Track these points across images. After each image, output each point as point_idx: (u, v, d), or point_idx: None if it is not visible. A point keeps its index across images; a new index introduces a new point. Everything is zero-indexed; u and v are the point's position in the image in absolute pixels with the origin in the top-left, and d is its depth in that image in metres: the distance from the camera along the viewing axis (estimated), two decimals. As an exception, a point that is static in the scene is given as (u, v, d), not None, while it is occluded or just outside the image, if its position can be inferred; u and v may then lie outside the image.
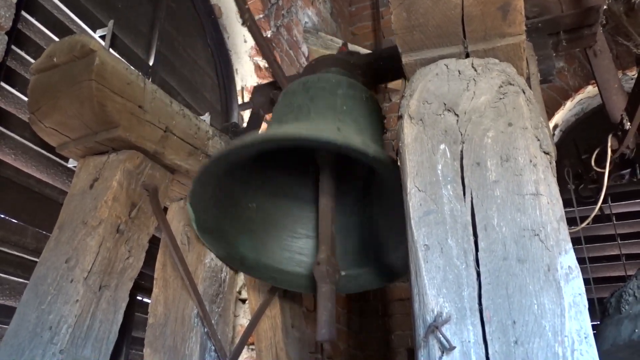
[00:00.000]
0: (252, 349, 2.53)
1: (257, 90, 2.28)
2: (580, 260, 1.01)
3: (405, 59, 1.33)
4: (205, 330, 1.72)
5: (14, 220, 1.65)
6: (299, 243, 1.92)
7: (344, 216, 1.88)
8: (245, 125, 2.25)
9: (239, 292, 2.66)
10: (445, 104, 1.19)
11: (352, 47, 3.58)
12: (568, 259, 0.93)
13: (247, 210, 1.82)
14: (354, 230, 1.90)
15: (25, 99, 1.63)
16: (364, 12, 4.81)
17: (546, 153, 1.08)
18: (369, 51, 3.60)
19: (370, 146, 1.34)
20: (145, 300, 2.13)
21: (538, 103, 1.26)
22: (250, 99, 2.27)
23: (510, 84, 1.18)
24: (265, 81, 3.06)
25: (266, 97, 2.20)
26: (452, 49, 1.29)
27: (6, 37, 1.52)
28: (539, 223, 0.98)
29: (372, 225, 1.88)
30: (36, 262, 1.45)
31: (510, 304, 0.91)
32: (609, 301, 1.77)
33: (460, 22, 1.24)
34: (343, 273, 1.64)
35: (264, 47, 2.87)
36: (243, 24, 2.98)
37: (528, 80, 1.37)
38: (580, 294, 0.90)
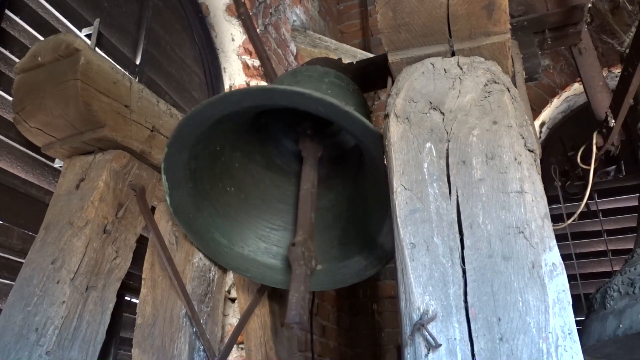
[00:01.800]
0: (242, 348, 2.53)
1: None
2: (567, 257, 1.02)
3: (391, 58, 1.33)
4: (194, 330, 1.71)
5: (-1, 221, 1.63)
6: (277, 235, 1.90)
7: (327, 211, 1.89)
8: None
9: (228, 292, 2.65)
10: (431, 103, 1.19)
11: (342, 46, 3.59)
12: (552, 256, 0.94)
13: (225, 193, 1.79)
14: (334, 225, 1.90)
15: (10, 98, 1.61)
16: (352, 11, 4.81)
17: (531, 151, 1.09)
18: (359, 50, 3.60)
19: (349, 107, 1.31)
20: (134, 300, 2.12)
21: (523, 101, 1.27)
22: None
23: (496, 82, 1.19)
24: (253, 80, 3.05)
25: None
26: (438, 47, 1.30)
27: (-11, 36, 1.51)
28: (523, 220, 0.99)
29: (355, 216, 1.88)
30: (22, 263, 1.44)
31: (496, 301, 0.92)
32: (594, 297, 1.79)
33: (446, 21, 1.24)
34: (319, 267, 1.60)
35: (257, 42, 2.85)
36: (238, 17, 2.96)
37: (513, 78, 1.38)
38: (564, 291, 0.91)
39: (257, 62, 3.10)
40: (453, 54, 1.30)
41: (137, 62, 2.36)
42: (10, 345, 1.27)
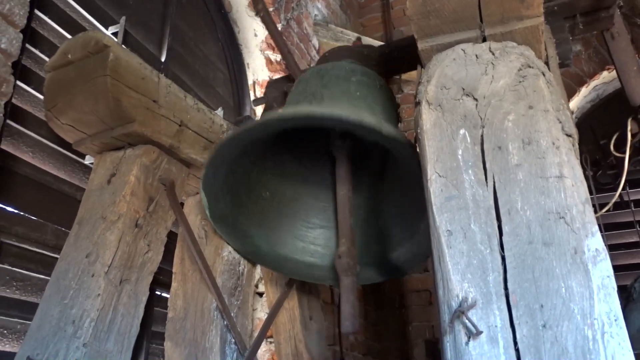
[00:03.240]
0: (271, 342, 2.54)
1: (271, 84, 2.28)
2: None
3: (421, 45, 1.31)
4: (225, 323, 1.72)
5: (33, 218, 1.66)
6: (313, 233, 1.91)
7: (356, 207, 1.88)
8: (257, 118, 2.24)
9: (256, 286, 2.66)
10: (463, 89, 1.17)
11: (364, 39, 3.56)
12: (595, 242, 0.92)
13: (261, 199, 1.82)
14: (365, 221, 1.89)
15: (41, 96, 1.64)
16: (373, 4, 4.79)
17: (568, 135, 1.06)
18: (381, 43, 3.58)
19: (384, 125, 1.33)
20: (164, 294, 2.14)
21: (558, 85, 1.25)
22: (265, 93, 2.26)
23: (530, 67, 1.16)
24: (276, 74, 3.06)
25: (280, 90, 2.19)
26: (469, 33, 1.28)
27: (21, 35, 1.53)
28: (564, 206, 0.96)
29: (383, 215, 1.87)
30: (56, 258, 1.46)
31: (537, 288, 0.90)
32: (633, 286, 1.75)
33: (476, 5, 1.22)
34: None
35: (277, 38, 2.85)
36: (257, 14, 2.97)
37: (547, 63, 1.35)
38: (608, 276, 0.89)
39: (280, 57, 3.10)
40: (484, 40, 1.28)
41: (163, 59, 2.38)
42: (49, 337, 1.28)
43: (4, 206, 1.57)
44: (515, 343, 0.87)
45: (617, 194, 1.97)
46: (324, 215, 1.90)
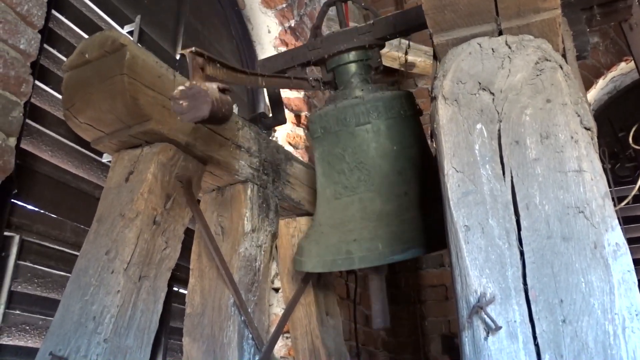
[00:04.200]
0: (288, 337, 2.55)
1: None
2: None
3: (436, 40, 1.30)
4: (242, 318, 1.73)
5: (53, 216, 1.69)
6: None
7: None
8: (270, 114, 2.24)
9: (272, 282, 2.68)
10: (480, 83, 1.16)
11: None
12: (615, 236, 0.91)
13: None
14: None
15: (60, 96, 1.66)
16: (386, -4, 4.76)
17: (587, 129, 1.05)
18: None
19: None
20: (182, 290, 2.16)
21: (576, 78, 1.23)
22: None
23: (547, 60, 1.15)
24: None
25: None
26: (485, 27, 1.27)
27: (39, 36, 1.55)
28: (583, 200, 0.96)
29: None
30: (76, 255, 1.48)
31: (557, 283, 0.89)
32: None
33: (492, -1, 1.21)
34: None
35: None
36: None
37: (564, 56, 1.33)
38: (629, 271, 0.88)
39: (293, 53, 3.10)
40: (500, 33, 1.27)
41: (177, 57, 2.40)
42: (70, 333, 1.31)
43: (24, 204, 1.59)
44: (535, 338, 0.86)
45: (637, 187, 1.95)
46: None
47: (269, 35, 3.10)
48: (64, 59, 1.72)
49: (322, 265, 1.74)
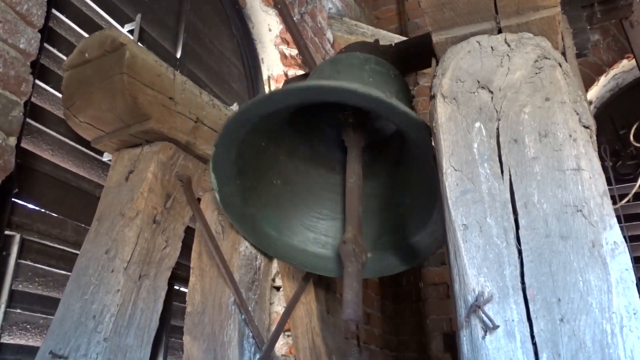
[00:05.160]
0: (288, 335, 2.55)
1: (288, 83, 2.27)
2: (621, 239, 0.98)
3: (435, 38, 1.30)
4: (243, 317, 1.74)
5: (54, 214, 1.69)
6: (324, 224, 1.90)
7: (370, 198, 1.87)
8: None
9: (273, 280, 2.68)
10: (478, 82, 1.16)
11: (379, 32, 3.55)
12: (613, 234, 0.91)
13: (272, 185, 1.81)
14: (379, 212, 1.89)
15: (60, 95, 1.66)
16: (387, -5, 4.75)
17: (586, 127, 1.05)
18: (397, 36, 3.55)
19: (394, 99, 1.30)
20: (182, 289, 2.16)
21: (575, 76, 1.23)
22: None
23: (546, 58, 1.15)
24: (291, 69, 3.06)
25: None
26: (484, 25, 1.27)
27: (39, 35, 1.55)
28: (581, 198, 0.95)
29: (397, 205, 1.87)
30: (77, 254, 1.49)
31: (555, 282, 0.89)
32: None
33: (491, -4, 1.21)
34: (368, 255, 1.62)
35: (294, 31, 2.84)
36: (275, 5, 2.96)
37: (564, 54, 1.33)
38: (627, 270, 0.88)
39: (294, 52, 3.10)
40: (500, 31, 1.26)
41: (178, 56, 2.40)
42: (70, 332, 1.31)
43: (25, 203, 1.60)
44: (533, 337, 0.86)
45: (638, 184, 1.94)
46: (336, 207, 1.90)
47: (270, 34, 3.10)
48: (64, 58, 1.72)
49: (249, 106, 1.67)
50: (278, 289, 2.71)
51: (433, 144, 1.19)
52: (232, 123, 1.48)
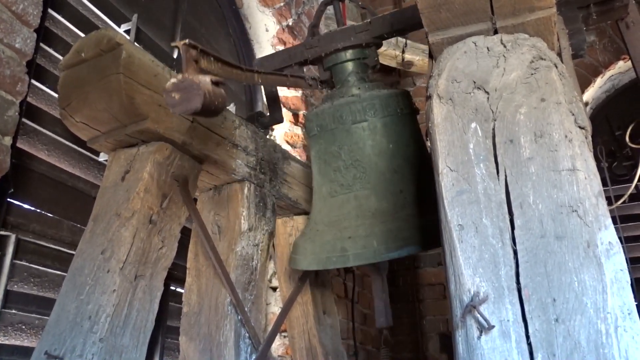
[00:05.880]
0: (285, 336, 2.55)
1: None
2: (617, 240, 0.99)
3: (432, 39, 1.30)
4: (239, 317, 1.73)
5: (50, 215, 1.69)
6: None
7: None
8: (268, 113, 2.24)
9: (269, 281, 2.68)
10: (474, 82, 1.16)
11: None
12: (608, 235, 0.91)
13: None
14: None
15: (56, 95, 1.66)
16: (384, -6, 4.75)
17: (581, 128, 1.05)
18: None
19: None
20: (179, 289, 2.16)
21: (571, 77, 1.23)
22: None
23: (542, 59, 1.15)
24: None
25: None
26: (480, 25, 1.27)
27: (35, 35, 1.54)
28: (576, 199, 0.96)
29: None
30: (73, 254, 1.48)
31: (550, 282, 0.90)
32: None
33: (487, -3, 1.21)
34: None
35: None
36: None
37: (559, 55, 1.33)
38: (622, 270, 0.88)
39: (290, 52, 3.09)
40: (496, 32, 1.26)
41: (175, 56, 2.40)
42: (66, 332, 1.31)
43: (20, 204, 1.59)
44: (528, 337, 0.87)
45: (633, 185, 1.95)
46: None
47: (267, 34, 3.10)
48: (61, 57, 1.72)
49: (316, 263, 1.74)
50: (275, 289, 2.71)
51: (429, 144, 1.19)
52: None
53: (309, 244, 1.80)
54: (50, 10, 1.77)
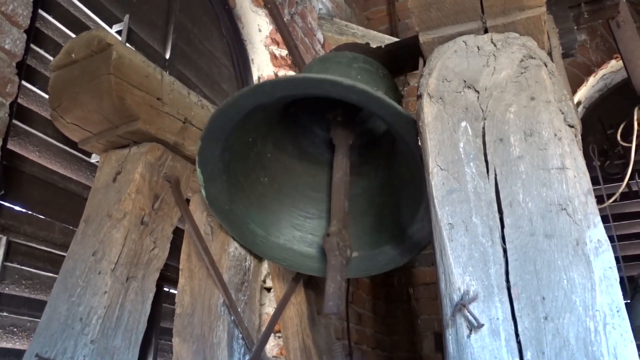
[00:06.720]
0: (279, 336, 2.55)
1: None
2: (608, 238, 0.99)
3: (422, 38, 1.31)
4: (232, 318, 1.73)
5: (41, 216, 1.68)
6: (311, 223, 1.90)
7: (359, 197, 1.87)
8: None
9: (264, 281, 2.67)
10: (465, 81, 1.17)
11: (369, 32, 3.55)
12: (597, 233, 0.92)
13: (259, 183, 1.80)
14: (368, 211, 1.89)
15: (47, 96, 1.65)
16: (378, -4, 4.76)
17: (571, 126, 1.05)
18: (387, 36, 3.55)
19: (380, 92, 1.30)
20: (172, 291, 2.15)
21: (561, 76, 1.24)
22: None
23: (532, 58, 1.16)
24: (281, 70, 3.05)
25: None
26: (470, 25, 1.27)
27: (25, 36, 1.54)
28: (565, 197, 0.96)
29: (388, 202, 1.87)
30: (64, 256, 1.48)
31: (539, 280, 0.90)
32: (640, 277, 1.73)
33: (477, -4, 1.21)
34: (355, 255, 1.60)
35: (284, 31, 2.82)
36: (265, 5, 2.95)
37: (550, 54, 1.34)
38: (610, 267, 0.88)
39: (284, 52, 3.10)
40: (486, 31, 1.27)
41: (167, 56, 2.39)
42: (57, 334, 1.30)
43: (12, 205, 1.58)
44: (517, 335, 0.87)
45: (624, 184, 1.96)
46: (323, 206, 1.90)
47: (260, 34, 3.09)
48: (51, 58, 1.71)
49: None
50: (269, 290, 2.70)
51: (420, 143, 1.19)
52: (218, 115, 1.46)
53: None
54: (40, 11, 1.75)
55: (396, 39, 3.66)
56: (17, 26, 1.51)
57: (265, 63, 3.08)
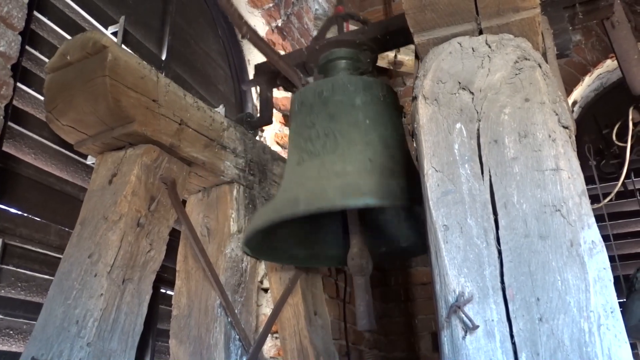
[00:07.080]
0: (276, 337, 2.55)
1: (259, 68, 2.24)
2: (604, 238, 1.00)
3: (417, 39, 1.31)
4: (229, 320, 1.73)
5: (37, 219, 1.68)
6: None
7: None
8: (258, 115, 2.24)
9: (261, 282, 2.67)
10: (459, 83, 1.17)
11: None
12: (591, 234, 0.92)
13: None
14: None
15: (42, 98, 1.65)
16: (374, -4, 4.76)
17: (565, 127, 1.06)
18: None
19: (403, 194, 1.40)
20: (169, 292, 2.15)
21: (555, 77, 1.24)
22: (254, 76, 2.26)
23: (526, 59, 1.16)
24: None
25: (270, 73, 2.18)
26: (465, 26, 1.27)
27: (20, 38, 1.54)
28: (560, 198, 0.96)
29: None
30: (60, 258, 1.48)
31: (534, 281, 0.90)
32: (635, 276, 1.74)
33: (472, -2, 1.22)
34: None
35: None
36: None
37: (544, 55, 1.34)
38: (605, 268, 0.89)
39: (281, 53, 3.09)
40: (480, 32, 1.27)
41: (163, 58, 2.39)
42: (53, 337, 1.30)
43: (7, 208, 1.58)
44: (512, 337, 0.87)
45: (620, 183, 1.96)
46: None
47: (256, 35, 3.09)
48: (47, 60, 1.71)
49: (262, 222, 1.60)
50: (266, 290, 2.70)
51: (415, 145, 1.19)
52: (252, 234, 1.66)
53: (262, 209, 1.72)
54: (35, 13, 1.75)
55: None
56: (12, 28, 1.51)
57: (261, 64, 3.07)
